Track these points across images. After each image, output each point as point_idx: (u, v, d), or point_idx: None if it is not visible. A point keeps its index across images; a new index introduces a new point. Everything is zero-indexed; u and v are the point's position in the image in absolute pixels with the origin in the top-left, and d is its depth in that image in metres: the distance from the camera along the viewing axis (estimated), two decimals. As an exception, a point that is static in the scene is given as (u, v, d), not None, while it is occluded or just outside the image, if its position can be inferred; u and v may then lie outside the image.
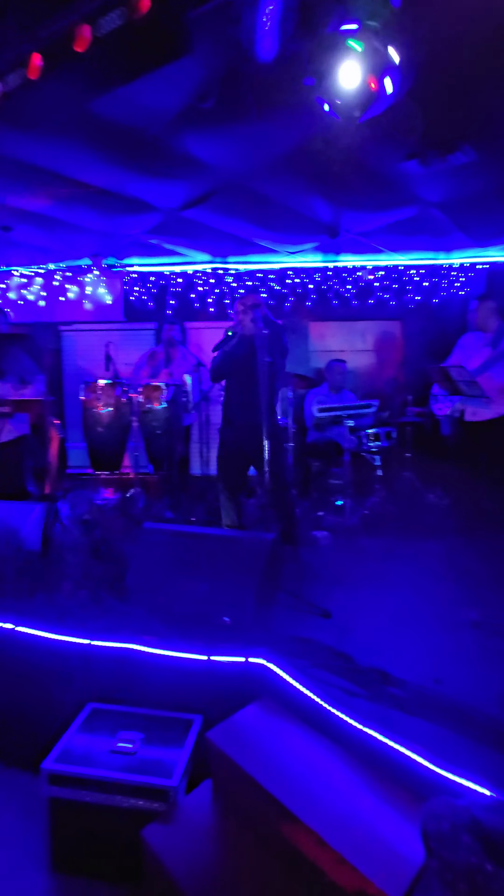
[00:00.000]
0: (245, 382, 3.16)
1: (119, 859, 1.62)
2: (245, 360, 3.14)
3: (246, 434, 3.13)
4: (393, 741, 1.46)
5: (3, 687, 2.13)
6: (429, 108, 2.55)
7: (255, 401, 3.09)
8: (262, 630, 2.03)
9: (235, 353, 3.16)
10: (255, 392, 3.09)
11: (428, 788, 1.35)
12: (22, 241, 4.78)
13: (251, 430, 3.08)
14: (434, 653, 2.03)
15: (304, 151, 3.01)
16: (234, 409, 3.22)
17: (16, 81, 1.82)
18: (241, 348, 3.16)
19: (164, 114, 2.57)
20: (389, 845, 1.25)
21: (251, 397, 3.11)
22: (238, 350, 3.16)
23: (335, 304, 5.59)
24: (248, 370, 3.13)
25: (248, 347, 3.16)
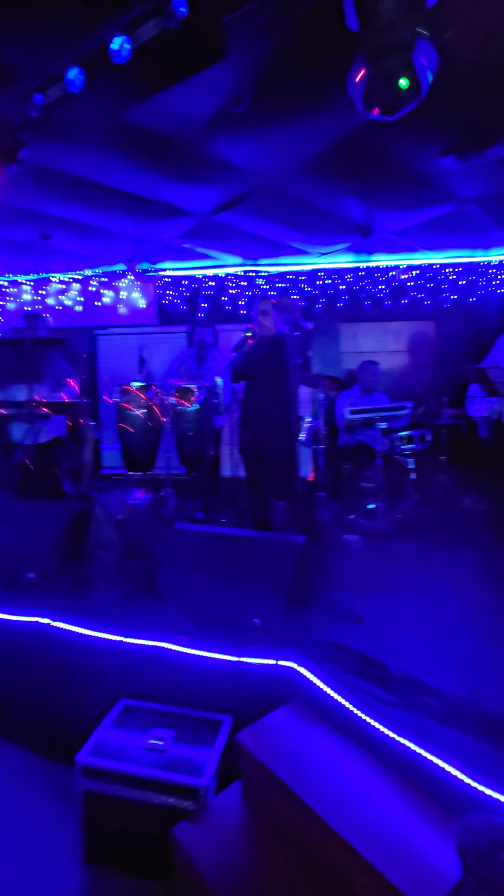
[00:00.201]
0: (263, 383, 3.16)
1: (150, 855, 1.64)
2: (263, 360, 3.14)
3: (264, 435, 3.13)
4: (428, 752, 1.42)
5: (40, 680, 2.19)
6: (466, 103, 2.49)
7: (273, 401, 3.09)
8: (293, 633, 2.02)
9: (254, 353, 3.16)
10: (273, 392, 3.09)
11: (464, 803, 1.31)
12: (60, 249, 4.94)
13: (269, 430, 3.09)
14: (470, 662, 1.96)
15: (337, 151, 2.99)
16: (253, 410, 3.22)
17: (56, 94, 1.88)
18: (259, 349, 3.16)
19: (197, 119, 2.60)
20: (424, 859, 1.22)
21: (269, 398, 3.11)
22: (256, 351, 3.16)
23: (367, 304, 5.51)
24: (267, 371, 3.12)
25: (266, 348, 3.16)
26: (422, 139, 2.86)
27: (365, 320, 5.53)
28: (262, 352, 3.15)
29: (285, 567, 2.09)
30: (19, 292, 6.10)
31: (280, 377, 3.14)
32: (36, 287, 6.07)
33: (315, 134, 2.84)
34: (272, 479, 3.24)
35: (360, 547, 3.45)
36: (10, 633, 2.25)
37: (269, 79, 2.12)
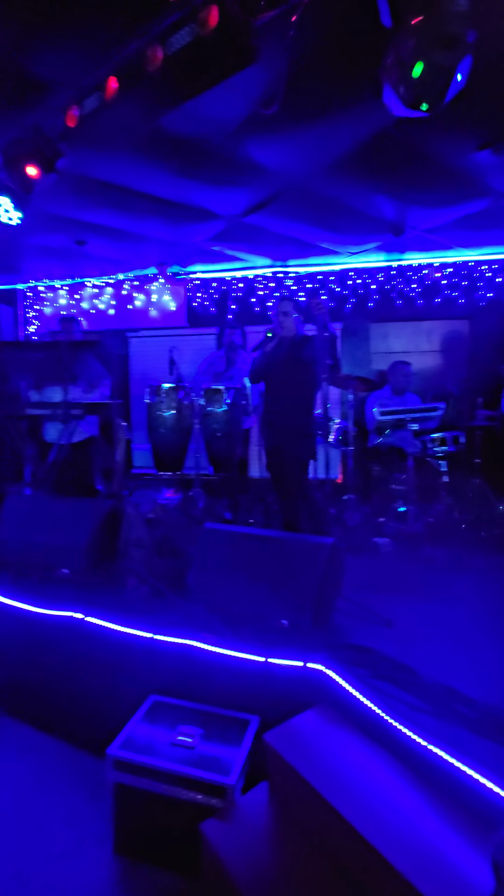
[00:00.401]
0: (284, 384, 3.15)
1: (177, 850, 1.66)
2: (284, 362, 3.13)
3: (285, 436, 3.12)
4: (461, 762, 1.38)
5: (73, 673, 2.26)
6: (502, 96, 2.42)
7: (294, 403, 3.08)
8: (321, 635, 2.00)
9: (275, 355, 3.15)
10: (294, 394, 3.07)
11: (498, 816, 1.26)
12: (94, 254, 5.08)
13: (289, 432, 3.07)
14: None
15: (368, 149, 2.96)
16: (274, 412, 3.21)
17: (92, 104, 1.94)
18: (280, 350, 3.15)
19: (228, 123, 2.63)
20: (455, 871, 1.19)
21: (290, 399, 3.10)
22: (277, 352, 3.15)
23: (399, 303, 5.42)
24: (288, 372, 3.11)
25: (287, 349, 3.15)
26: (456, 134, 2.80)
27: (396, 320, 5.44)
28: (283, 353, 3.14)
29: (314, 569, 2.07)
30: (55, 297, 6.30)
31: (301, 378, 3.13)
32: (71, 292, 6.26)
33: (346, 132, 2.82)
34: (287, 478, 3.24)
35: (391, 550, 3.40)
36: (46, 626, 2.33)
37: (299, 79, 2.12)
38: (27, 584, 2.55)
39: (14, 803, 1.97)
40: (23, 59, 2.19)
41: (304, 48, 1.95)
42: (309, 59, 2.06)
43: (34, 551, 2.67)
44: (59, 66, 2.19)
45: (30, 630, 2.36)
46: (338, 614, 2.29)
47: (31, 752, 2.23)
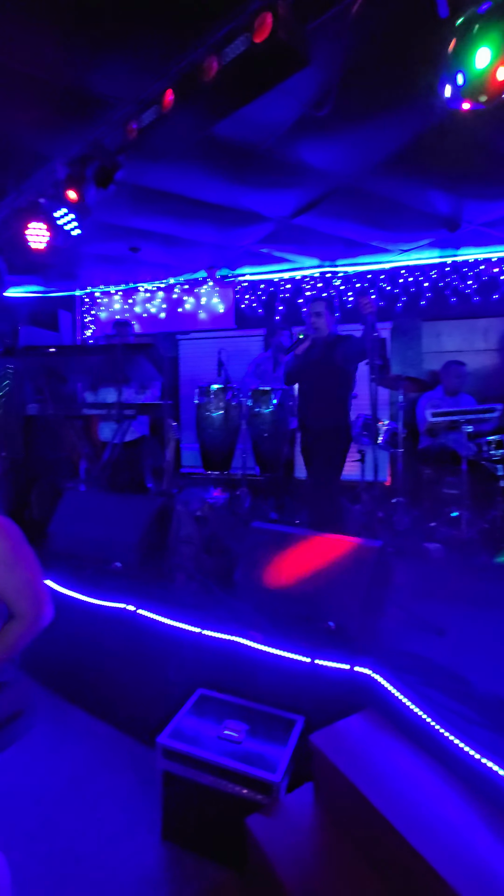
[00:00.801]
0: (318, 385, 3.11)
1: (222, 841, 1.69)
2: (318, 363, 3.09)
3: (317, 435, 3.09)
4: (517, 778, 1.33)
5: (125, 663, 2.35)
6: None
7: (328, 403, 3.04)
8: (369, 640, 1.98)
9: (308, 356, 3.12)
10: (327, 395, 3.03)
11: None
12: (147, 260, 5.25)
13: (323, 431, 3.03)
14: None
15: (423, 143, 2.89)
16: (308, 413, 3.18)
17: (150, 118, 2.02)
18: (313, 351, 3.12)
19: (278, 126, 2.65)
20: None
21: (325, 400, 3.06)
22: (311, 353, 3.12)
23: (453, 301, 5.23)
24: (321, 373, 3.07)
25: (320, 350, 3.11)
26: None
27: (450, 318, 5.25)
28: (316, 354, 3.11)
29: (362, 571, 2.05)
30: (110, 302, 6.57)
31: (334, 379, 3.10)
32: (125, 296, 6.50)
33: (399, 128, 2.77)
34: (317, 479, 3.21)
35: (442, 556, 3.29)
36: (100, 617, 2.44)
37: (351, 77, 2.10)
38: (82, 575, 2.68)
39: (71, 783, 2.08)
40: (85, 77, 2.31)
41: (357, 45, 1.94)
42: (361, 56, 2.05)
43: (89, 545, 2.80)
44: (118, 82, 2.30)
45: (86, 620, 2.48)
46: (386, 619, 2.24)
47: (87, 737, 2.34)
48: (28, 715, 1.31)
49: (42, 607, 1.32)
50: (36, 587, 1.32)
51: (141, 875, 1.69)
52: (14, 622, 1.29)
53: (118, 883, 1.66)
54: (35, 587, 1.32)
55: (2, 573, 1.27)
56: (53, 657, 2.48)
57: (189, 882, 1.66)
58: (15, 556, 1.29)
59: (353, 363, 3.13)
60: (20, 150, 3.00)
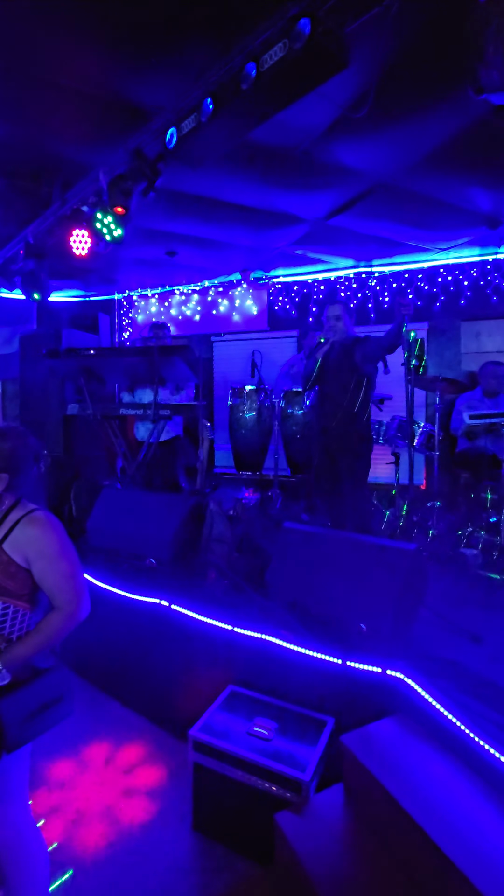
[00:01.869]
0: (337, 388, 3.08)
1: (250, 836, 1.72)
2: (336, 365, 3.06)
3: (337, 438, 3.06)
4: None
5: (158, 656, 2.41)
6: None
7: (348, 406, 3.00)
8: (402, 644, 1.95)
9: (327, 359, 3.09)
10: (347, 397, 3.00)
11: None
12: (183, 263, 5.35)
13: (343, 433, 3.00)
14: None
15: (463, 139, 2.83)
16: (329, 416, 3.15)
17: (190, 125, 2.07)
18: (332, 354, 3.09)
19: (314, 128, 2.65)
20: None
21: (344, 403, 3.02)
22: (330, 356, 3.09)
23: (495, 300, 5.07)
24: (340, 376, 3.03)
25: (338, 353, 3.07)
26: None
27: (490, 317, 5.09)
28: (334, 357, 3.09)
29: (395, 574, 2.03)
30: (147, 305, 6.73)
31: (353, 381, 3.07)
32: (161, 299, 6.64)
33: (437, 126, 2.72)
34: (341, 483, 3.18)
35: (479, 562, 3.20)
36: (135, 611, 2.51)
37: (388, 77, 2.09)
38: (118, 570, 2.77)
39: (105, 770, 2.15)
40: (126, 88, 2.39)
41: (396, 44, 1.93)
42: (400, 56, 2.03)
43: (124, 540, 2.89)
44: (158, 92, 2.37)
45: (121, 613, 2.56)
46: (420, 624, 2.21)
47: (121, 725, 2.42)
48: (67, 701, 1.37)
49: (81, 600, 1.38)
50: (76, 581, 1.38)
51: (171, 863, 1.73)
52: (55, 613, 1.36)
53: (150, 869, 1.71)
54: (75, 581, 1.38)
55: (45, 566, 1.34)
56: (90, 648, 2.57)
57: (218, 873, 1.69)
58: (58, 551, 1.35)
59: (372, 363, 3.09)
60: (65, 160, 3.13)
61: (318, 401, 3.33)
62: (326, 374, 3.19)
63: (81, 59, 2.24)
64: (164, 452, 4.04)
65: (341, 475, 3.20)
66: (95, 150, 2.97)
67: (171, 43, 2.08)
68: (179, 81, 2.26)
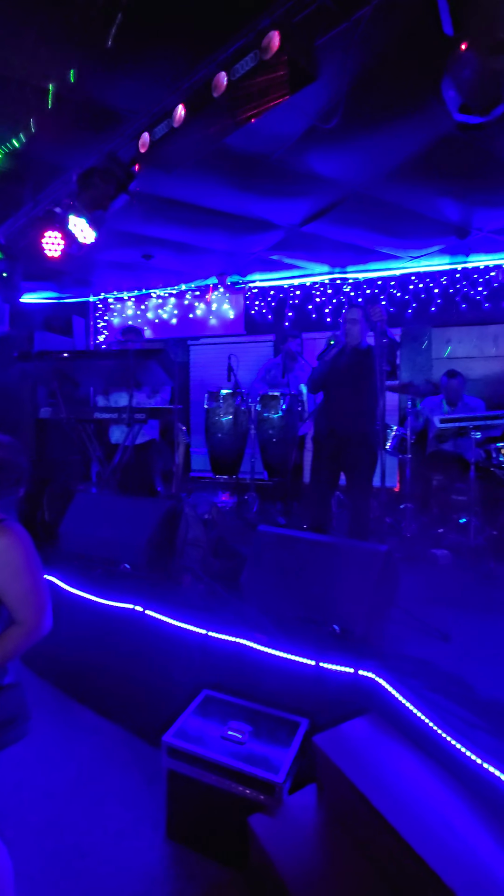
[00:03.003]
0: (346, 392, 3.11)
1: (225, 841, 1.71)
2: (347, 370, 3.10)
3: (346, 444, 3.09)
4: (518, 784, 1.33)
5: (131, 662, 2.39)
6: None
7: (357, 409, 3.04)
8: (373, 643, 1.99)
9: (337, 362, 3.13)
10: (356, 401, 3.04)
11: None
12: (159, 267, 5.34)
13: (352, 439, 3.04)
14: None
15: (432, 153, 2.92)
16: (336, 418, 3.17)
17: (163, 131, 2.08)
18: (343, 358, 3.13)
19: (287, 137, 2.70)
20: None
21: (353, 406, 3.06)
22: (340, 360, 3.13)
23: (463, 307, 5.23)
24: (350, 380, 3.07)
25: (350, 357, 3.11)
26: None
27: (460, 324, 5.25)
28: (345, 361, 3.12)
29: (367, 576, 2.06)
30: (123, 308, 6.68)
31: (363, 387, 3.10)
32: (137, 302, 6.60)
33: (408, 139, 2.80)
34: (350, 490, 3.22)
35: (449, 563, 3.28)
36: (108, 617, 2.48)
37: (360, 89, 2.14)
38: (91, 576, 2.73)
39: (77, 780, 2.11)
40: (100, 91, 2.39)
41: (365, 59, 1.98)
42: (370, 69, 2.09)
43: (98, 546, 2.85)
44: (132, 96, 2.37)
45: (93, 619, 2.52)
46: (392, 624, 2.25)
47: (94, 735, 2.38)
48: (19, 724, 1.32)
49: (43, 616, 1.34)
50: (39, 596, 1.34)
51: (145, 872, 1.71)
52: (15, 628, 1.32)
53: (123, 879, 1.68)
54: (38, 596, 1.34)
55: (8, 579, 1.30)
56: (62, 656, 2.53)
57: (191, 880, 1.67)
58: (23, 565, 1.32)
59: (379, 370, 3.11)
60: (37, 161, 3.09)
61: (325, 403, 3.32)
62: (336, 378, 3.16)
63: (55, 61, 2.22)
64: (140, 456, 4.00)
65: (347, 479, 3.21)
66: (68, 152, 2.95)
67: (144, 49, 2.09)
68: (152, 87, 2.27)
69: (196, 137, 2.01)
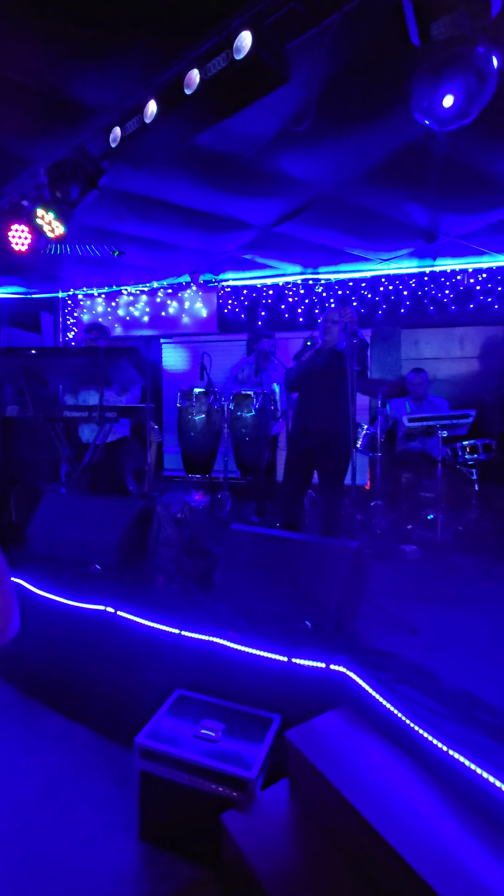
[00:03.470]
0: (322, 393, 3.16)
1: (198, 840, 1.71)
2: (323, 370, 3.14)
3: (320, 443, 3.14)
4: (481, 768, 1.38)
5: (103, 664, 2.35)
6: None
7: (331, 410, 3.09)
8: (344, 638, 2.02)
9: (313, 363, 3.18)
10: (331, 402, 3.09)
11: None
12: (131, 263, 5.26)
13: (325, 439, 3.08)
14: (532, 683, 1.87)
15: (401, 158, 2.99)
16: (311, 418, 3.22)
17: (133, 126, 2.06)
18: (318, 359, 3.17)
19: (259, 138, 2.71)
20: (474, 876, 1.19)
21: (328, 406, 3.11)
22: (316, 360, 3.17)
23: (431, 309, 5.37)
24: (325, 380, 3.12)
25: (326, 358, 3.16)
26: (489, 141, 2.79)
27: (428, 326, 5.39)
28: (321, 361, 3.17)
29: (338, 572, 2.10)
30: (93, 305, 6.55)
31: (338, 387, 3.16)
32: (108, 299, 6.49)
33: (378, 143, 2.86)
34: (323, 489, 3.26)
35: (418, 558, 3.37)
36: (78, 619, 2.43)
37: (331, 93, 2.18)
38: (61, 578, 2.68)
39: (46, 787, 2.07)
40: (68, 83, 2.34)
41: (335, 64, 2.01)
42: (341, 74, 2.12)
43: (68, 547, 2.79)
44: (102, 90, 2.33)
45: (64, 622, 2.47)
46: (362, 619, 2.30)
47: (63, 740, 2.33)
48: None
49: (9, 620, 1.31)
50: (4, 599, 1.31)
51: (117, 875, 1.69)
52: None
53: (94, 884, 1.66)
54: (3, 599, 1.31)
55: None
56: (30, 660, 2.47)
57: (164, 880, 1.67)
58: None
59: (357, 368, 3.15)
60: (2, 152, 3.00)
61: (300, 402, 3.35)
62: (312, 378, 3.20)
63: (23, 51, 2.16)
64: (111, 455, 3.94)
65: (320, 478, 3.24)
66: (36, 144, 2.87)
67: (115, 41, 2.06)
68: (124, 81, 2.24)
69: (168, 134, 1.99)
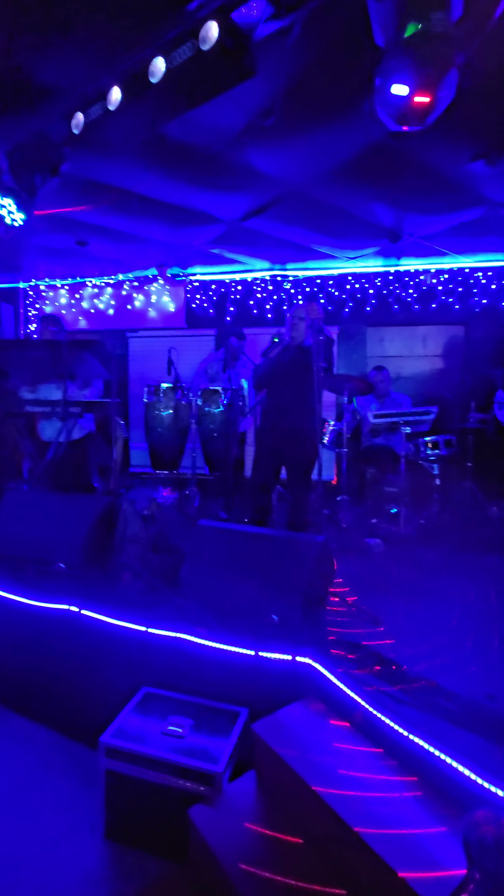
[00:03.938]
0: (288, 389, 3.19)
1: (166, 836, 1.71)
2: (290, 367, 3.17)
3: (287, 439, 3.17)
4: (439, 751, 1.44)
5: (68, 665, 2.31)
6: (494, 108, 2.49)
7: (298, 407, 3.13)
8: (310, 631, 2.06)
9: (280, 359, 3.20)
10: (298, 398, 3.12)
11: (472, 801, 1.32)
12: (95, 255, 5.13)
13: (293, 435, 3.12)
14: (489, 669, 1.96)
15: (366, 158, 3.04)
16: (278, 415, 3.25)
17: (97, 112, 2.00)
18: (286, 355, 3.20)
19: (227, 131, 2.69)
20: (431, 853, 1.24)
21: (294, 404, 3.15)
22: (283, 357, 3.20)
23: (396, 308, 5.50)
24: (293, 377, 3.15)
25: (293, 354, 3.19)
26: (451, 145, 2.87)
27: (393, 324, 5.52)
28: (289, 358, 3.19)
29: (304, 565, 2.13)
30: (56, 296, 6.35)
31: (306, 384, 3.19)
32: (71, 291, 6.31)
33: (344, 141, 2.89)
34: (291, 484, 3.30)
35: (382, 551, 3.46)
36: (42, 619, 2.38)
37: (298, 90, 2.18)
38: (24, 577, 2.60)
39: (9, 791, 2.02)
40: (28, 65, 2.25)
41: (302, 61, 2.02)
42: (308, 71, 2.13)
43: (31, 546, 2.72)
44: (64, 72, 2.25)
45: (26, 622, 2.41)
46: (327, 611, 2.35)
47: (27, 742, 2.28)
48: None
49: None
50: None
51: (83, 876, 1.67)
52: None
53: (60, 885, 1.64)
54: None
55: None
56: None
57: (130, 878, 1.66)
58: None
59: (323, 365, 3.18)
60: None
61: (268, 399, 3.35)
62: (280, 375, 3.20)
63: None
64: (76, 452, 3.84)
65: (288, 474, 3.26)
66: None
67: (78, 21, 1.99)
68: (87, 65, 2.17)
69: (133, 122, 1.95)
